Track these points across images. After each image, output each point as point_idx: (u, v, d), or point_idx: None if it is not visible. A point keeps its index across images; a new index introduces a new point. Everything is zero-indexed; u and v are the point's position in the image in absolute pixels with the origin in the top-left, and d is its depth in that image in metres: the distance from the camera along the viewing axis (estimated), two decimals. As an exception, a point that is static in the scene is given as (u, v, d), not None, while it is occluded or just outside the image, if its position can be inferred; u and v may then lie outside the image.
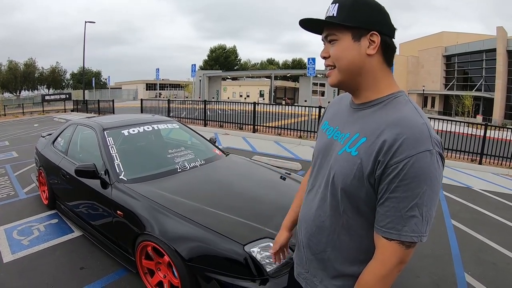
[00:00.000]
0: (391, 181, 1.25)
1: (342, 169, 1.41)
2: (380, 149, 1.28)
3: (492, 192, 8.71)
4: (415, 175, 1.22)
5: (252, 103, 16.74)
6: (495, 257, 4.96)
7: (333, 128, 1.60)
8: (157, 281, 3.55)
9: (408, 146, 1.23)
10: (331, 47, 1.44)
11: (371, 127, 1.37)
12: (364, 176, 1.33)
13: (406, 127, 1.27)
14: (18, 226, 5.43)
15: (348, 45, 1.39)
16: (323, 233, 1.54)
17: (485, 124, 12.63)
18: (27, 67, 73.70)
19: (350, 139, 1.43)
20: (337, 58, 1.42)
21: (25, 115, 35.58)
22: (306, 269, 1.69)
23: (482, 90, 43.90)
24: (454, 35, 52.39)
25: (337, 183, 1.42)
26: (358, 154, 1.36)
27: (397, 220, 1.26)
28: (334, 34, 1.41)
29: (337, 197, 1.44)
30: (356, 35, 1.37)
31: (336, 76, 1.46)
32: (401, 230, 1.26)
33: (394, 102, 1.40)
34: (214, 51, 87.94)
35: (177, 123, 5.90)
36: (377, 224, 1.33)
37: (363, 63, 1.40)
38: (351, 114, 1.53)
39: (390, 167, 1.25)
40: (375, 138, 1.32)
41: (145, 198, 3.67)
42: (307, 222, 1.64)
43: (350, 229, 1.45)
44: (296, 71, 57.80)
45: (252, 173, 4.92)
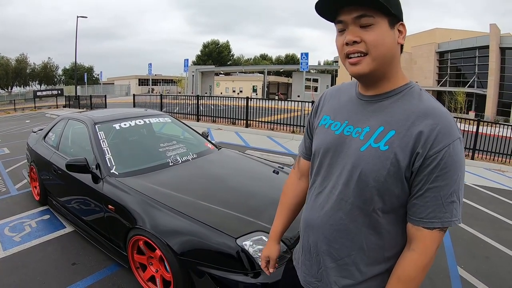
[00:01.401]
0: (431, 172, 1.25)
1: (371, 166, 1.33)
2: (416, 141, 1.26)
3: (484, 187, 8.76)
4: (452, 163, 1.24)
5: (245, 98, 16.74)
6: (488, 251, 5.00)
7: (341, 123, 1.50)
8: (149, 275, 3.54)
9: (444, 136, 1.24)
10: (366, 32, 1.30)
11: (397, 119, 1.33)
12: (400, 171, 1.30)
13: (438, 117, 1.27)
14: (10, 222, 5.40)
15: (387, 31, 1.30)
16: (346, 236, 1.45)
17: (478, 120, 12.69)
18: (18, 63, 73.29)
19: (374, 134, 1.37)
20: (375, 44, 1.30)
21: (16, 112, 35.38)
22: (317, 278, 1.59)
23: (474, 86, 44.03)
24: (447, 31, 52.47)
25: (367, 181, 1.35)
26: (390, 148, 1.31)
27: (439, 208, 1.27)
28: (372, 17, 1.28)
29: (365, 196, 1.37)
30: (392, 21, 1.31)
31: (369, 65, 1.33)
32: (442, 218, 1.28)
33: (410, 92, 1.38)
34: (207, 46, 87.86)
35: (169, 117, 5.87)
36: (415, 216, 1.32)
37: (396, 52, 1.36)
38: (363, 107, 1.46)
39: (430, 157, 1.24)
40: (406, 130, 1.29)
41: (137, 192, 3.65)
42: (323, 227, 1.51)
43: (379, 227, 1.40)
44: (289, 67, 57.81)
45: (245, 167, 4.91)
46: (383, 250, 1.42)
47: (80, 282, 3.80)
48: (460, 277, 4.21)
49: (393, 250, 1.42)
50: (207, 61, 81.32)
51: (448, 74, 48.82)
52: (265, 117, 16.37)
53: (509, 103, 38.29)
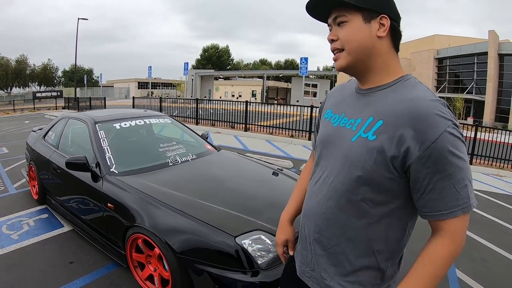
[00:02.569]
0: (436, 162, 1.23)
1: (360, 155, 1.35)
2: (405, 133, 1.26)
3: (482, 192, 8.79)
4: (451, 149, 1.22)
5: (244, 102, 16.73)
6: (486, 254, 5.01)
7: (339, 116, 1.55)
8: (148, 274, 3.54)
9: (435, 124, 1.22)
10: (340, 30, 1.41)
11: (386, 109, 1.35)
12: (387, 161, 1.30)
13: (426, 106, 1.26)
14: (8, 220, 5.40)
15: (359, 26, 1.37)
16: (335, 225, 1.46)
17: (476, 125, 12.73)
18: (18, 64, 73.19)
19: (364, 124, 1.39)
20: (347, 40, 1.39)
21: (16, 112, 35.30)
22: (311, 267, 1.61)
23: (473, 92, 44.07)
24: (446, 38, 52.54)
25: (355, 171, 1.36)
26: (377, 137, 1.32)
27: (455, 195, 1.25)
28: (344, 16, 1.39)
29: (353, 185, 1.38)
30: (367, 16, 1.36)
31: (345, 59, 1.42)
32: (461, 204, 1.26)
33: (405, 84, 1.39)
34: (207, 50, 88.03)
35: (169, 118, 5.88)
36: (434, 211, 1.30)
37: (373, 45, 1.38)
38: (359, 99, 1.50)
39: (427, 148, 1.23)
40: (394, 120, 1.30)
41: (136, 191, 3.66)
42: (315, 215, 1.54)
43: (369, 218, 1.39)
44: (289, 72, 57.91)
45: (244, 168, 4.91)
46: (372, 242, 1.42)
47: (78, 281, 3.80)
48: (458, 279, 4.22)
49: (382, 244, 1.42)
50: (206, 65, 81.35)
51: (447, 80, 48.86)
52: (264, 122, 16.36)
53: (507, 109, 38.31)
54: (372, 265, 1.44)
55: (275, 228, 1.95)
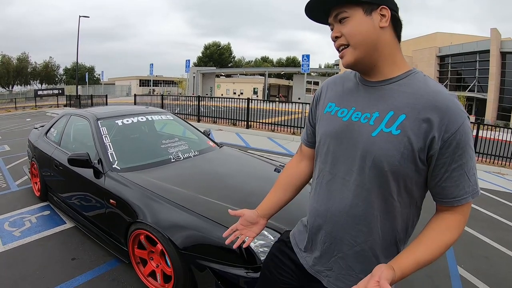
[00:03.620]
0: (454, 152, 1.30)
1: (385, 150, 1.36)
2: (430, 124, 1.29)
3: (484, 189, 8.75)
4: (467, 140, 1.30)
5: (246, 99, 16.77)
6: (488, 251, 5.00)
7: (348, 110, 1.51)
8: (150, 270, 3.54)
9: (456, 116, 1.28)
10: (343, 26, 1.41)
11: (406, 103, 1.36)
12: (414, 153, 1.33)
13: (446, 99, 1.31)
14: (10, 217, 5.40)
15: (361, 19, 1.37)
16: (363, 222, 1.46)
17: (478, 123, 12.71)
18: (20, 62, 73.38)
19: (384, 118, 1.39)
20: (351, 35, 1.39)
21: (17, 110, 35.43)
22: (328, 267, 1.60)
23: (475, 90, 44.02)
24: (448, 36, 52.47)
25: (382, 166, 1.37)
26: (402, 132, 1.33)
27: (466, 183, 1.34)
28: (344, 12, 1.39)
29: (380, 181, 1.39)
30: (367, 9, 1.37)
31: (352, 54, 1.41)
32: (472, 191, 1.35)
33: (416, 76, 1.42)
34: (208, 48, 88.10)
35: (171, 114, 5.88)
36: (449, 197, 1.37)
37: (377, 36, 1.39)
38: (370, 92, 1.48)
39: (448, 139, 1.28)
40: (417, 114, 1.32)
41: (138, 186, 3.66)
42: (337, 215, 1.51)
43: (395, 210, 1.43)
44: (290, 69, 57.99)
45: (246, 165, 4.91)
46: (396, 233, 1.48)
47: (80, 277, 3.80)
48: (460, 276, 4.21)
49: (403, 232, 1.49)
50: (208, 63, 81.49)
51: (448, 78, 48.79)
52: (266, 119, 16.36)
53: (509, 107, 38.30)
54: (394, 254, 1.46)
55: (277, 223, 1.94)
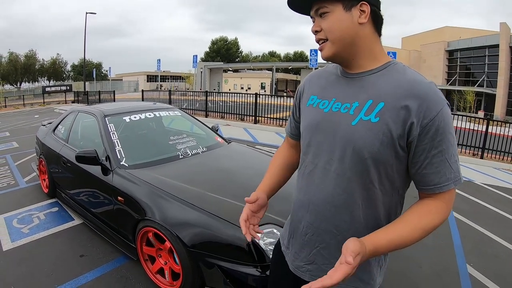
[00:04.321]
0: (433, 138, 1.30)
1: (364, 138, 1.37)
2: (409, 111, 1.30)
3: (493, 186, 8.72)
4: (447, 126, 1.30)
5: (254, 94, 16.76)
6: (497, 249, 4.96)
7: (329, 101, 1.54)
8: (158, 268, 3.53)
9: (434, 103, 1.29)
10: (323, 20, 1.44)
11: (385, 91, 1.37)
12: (393, 140, 1.34)
13: (425, 87, 1.32)
14: (18, 214, 5.43)
15: (340, 15, 1.40)
16: (345, 211, 1.46)
17: (487, 119, 12.62)
18: (27, 59, 73.81)
19: (363, 107, 1.40)
20: (330, 30, 1.43)
21: (25, 107, 35.59)
22: (308, 261, 1.59)
23: (484, 86, 43.78)
24: (457, 30, 52.19)
25: (362, 154, 1.38)
26: (381, 119, 1.35)
27: (448, 170, 1.33)
28: (325, 7, 1.41)
29: (361, 169, 1.40)
30: (347, 5, 1.39)
31: (330, 48, 1.45)
32: (453, 178, 1.35)
33: (395, 68, 1.43)
34: (216, 43, 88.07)
35: (179, 110, 5.87)
36: (429, 184, 1.37)
37: (355, 32, 1.41)
38: (350, 83, 1.50)
39: (427, 125, 1.29)
40: (396, 101, 1.33)
41: (147, 184, 3.65)
42: (319, 205, 1.52)
43: (377, 199, 1.44)
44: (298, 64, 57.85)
45: (254, 161, 4.88)
46: (379, 221, 1.47)
47: (88, 274, 3.81)
48: (469, 275, 4.18)
49: (386, 221, 1.47)
50: (215, 58, 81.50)
51: (457, 73, 48.55)
52: (274, 114, 16.35)
53: (519, 103, 38.05)
54: None
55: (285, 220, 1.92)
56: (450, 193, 1.37)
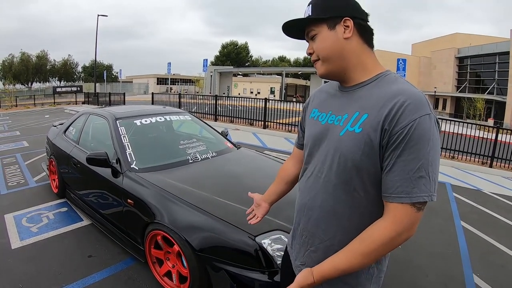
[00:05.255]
0: (397, 146, 1.31)
1: (348, 148, 1.42)
2: (385, 118, 1.33)
3: (502, 195, 8.63)
4: (419, 137, 1.28)
5: (263, 99, 16.74)
6: (504, 260, 4.92)
7: (326, 114, 1.62)
8: (166, 270, 3.56)
9: (410, 111, 1.29)
10: (313, 42, 1.55)
11: (371, 103, 1.42)
12: (374, 150, 1.37)
13: (406, 95, 1.33)
14: (28, 213, 5.48)
15: (326, 34, 1.50)
16: (332, 217, 1.53)
17: (497, 127, 12.53)
18: (39, 59, 74.38)
19: (350, 119, 1.46)
20: (318, 50, 1.53)
21: (36, 106, 35.80)
22: (302, 262, 1.67)
23: (494, 93, 43.58)
24: (467, 36, 52.05)
25: (346, 163, 1.44)
26: (363, 129, 1.39)
27: (407, 183, 1.31)
28: (313, 30, 1.53)
29: (345, 177, 1.45)
30: (330, 24, 1.49)
31: (322, 66, 1.55)
32: (411, 193, 1.31)
33: (386, 79, 1.47)
34: (226, 47, 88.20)
35: (189, 115, 5.90)
36: (386, 192, 1.37)
37: (342, 47, 1.49)
38: (343, 97, 1.58)
39: (396, 133, 1.30)
40: (377, 111, 1.37)
41: (156, 187, 3.68)
42: (311, 209, 1.61)
43: (361, 207, 1.47)
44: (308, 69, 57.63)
45: (263, 166, 4.89)
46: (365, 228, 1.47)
47: (96, 275, 3.84)
48: (476, 285, 4.15)
49: None
50: (225, 62, 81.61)
51: (467, 80, 48.39)
52: (283, 119, 16.36)
53: (529, 111, 37.75)
54: None
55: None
56: (403, 209, 1.33)
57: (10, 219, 5.25)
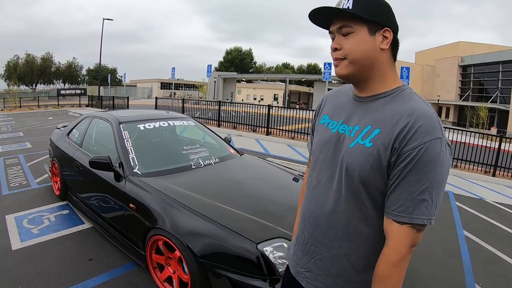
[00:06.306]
0: (405, 166, 1.31)
1: (357, 161, 1.42)
2: (396, 137, 1.33)
3: (505, 205, 8.59)
4: (427, 161, 1.29)
5: (267, 105, 16.75)
6: (506, 270, 4.90)
7: (337, 122, 1.60)
8: (166, 276, 3.55)
9: (421, 133, 1.29)
10: (346, 40, 1.45)
11: (384, 119, 1.41)
12: (382, 165, 1.37)
13: (419, 116, 1.32)
14: (29, 215, 5.49)
15: (365, 38, 1.42)
16: (338, 227, 1.52)
17: (500, 136, 12.49)
18: (44, 61, 74.55)
19: (362, 132, 1.45)
20: (351, 50, 1.43)
21: (40, 108, 35.90)
22: (307, 269, 1.65)
23: (497, 102, 43.52)
24: (471, 45, 52.07)
25: (353, 175, 1.43)
26: (373, 145, 1.39)
27: (408, 203, 1.32)
28: (350, 26, 1.42)
29: (353, 189, 1.45)
30: (372, 29, 1.41)
31: (346, 68, 1.47)
32: (412, 213, 1.32)
33: (401, 94, 1.46)
34: (230, 53, 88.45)
35: (193, 120, 5.92)
36: (388, 209, 1.38)
37: (375, 57, 1.44)
38: (357, 107, 1.55)
39: (405, 153, 1.31)
40: (390, 129, 1.36)
41: (159, 192, 3.67)
42: (318, 218, 1.60)
43: (369, 220, 1.46)
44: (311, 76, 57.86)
45: (266, 173, 4.89)
46: (376, 243, 1.47)
47: (96, 278, 3.83)
48: (478, 295, 4.14)
49: (380, 241, 1.46)
50: (229, 68, 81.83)
51: (471, 88, 48.32)
52: (286, 126, 16.37)
53: (533, 120, 37.69)
54: (371, 263, 1.47)
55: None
56: (404, 232, 1.34)
57: (11, 220, 5.25)
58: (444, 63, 51.19)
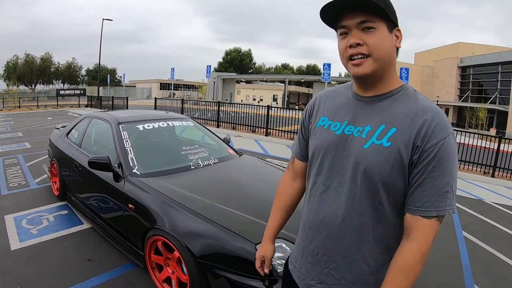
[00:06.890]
0: (429, 163, 1.33)
1: (375, 161, 1.40)
2: (417, 135, 1.35)
3: (504, 206, 8.60)
4: (447, 155, 1.34)
5: (266, 106, 16.79)
6: (505, 271, 4.90)
7: (340, 123, 1.56)
8: (165, 276, 3.54)
9: (439, 130, 1.34)
10: (368, 36, 1.39)
11: (397, 117, 1.41)
12: (403, 164, 1.37)
13: (435, 114, 1.37)
14: (28, 215, 5.48)
15: (386, 35, 1.41)
16: (355, 232, 1.48)
17: (499, 137, 12.49)
18: (43, 61, 74.62)
19: (376, 132, 1.44)
20: (377, 47, 1.39)
21: (39, 108, 35.85)
22: (319, 280, 1.59)
23: (496, 103, 43.53)
24: (470, 46, 52.09)
25: (372, 176, 1.41)
26: (393, 143, 1.38)
27: (434, 197, 1.35)
28: (373, 21, 1.38)
29: (371, 191, 1.43)
30: (390, 26, 1.42)
31: (371, 66, 1.40)
32: (438, 207, 1.35)
33: (406, 92, 1.48)
34: (229, 53, 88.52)
35: (192, 121, 5.92)
36: (413, 205, 1.39)
37: (393, 54, 1.46)
38: (362, 107, 1.53)
39: (427, 150, 1.33)
40: (407, 127, 1.37)
41: (158, 193, 3.67)
42: (330, 225, 1.53)
43: (386, 220, 1.46)
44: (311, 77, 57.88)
45: (265, 174, 4.88)
46: (388, 241, 1.48)
47: (95, 279, 3.83)
48: (478, 295, 4.14)
49: (395, 240, 1.47)
50: (228, 68, 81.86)
51: (470, 89, 48.35)
52: (285, 127, 16.39)
53: (532, 121, 37.71)
54: (386, 262, 1.47)
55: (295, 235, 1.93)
56: (430, 224, 1.37)
57: (10, 220, 5.25)
58: (444, 64, 51.19)
